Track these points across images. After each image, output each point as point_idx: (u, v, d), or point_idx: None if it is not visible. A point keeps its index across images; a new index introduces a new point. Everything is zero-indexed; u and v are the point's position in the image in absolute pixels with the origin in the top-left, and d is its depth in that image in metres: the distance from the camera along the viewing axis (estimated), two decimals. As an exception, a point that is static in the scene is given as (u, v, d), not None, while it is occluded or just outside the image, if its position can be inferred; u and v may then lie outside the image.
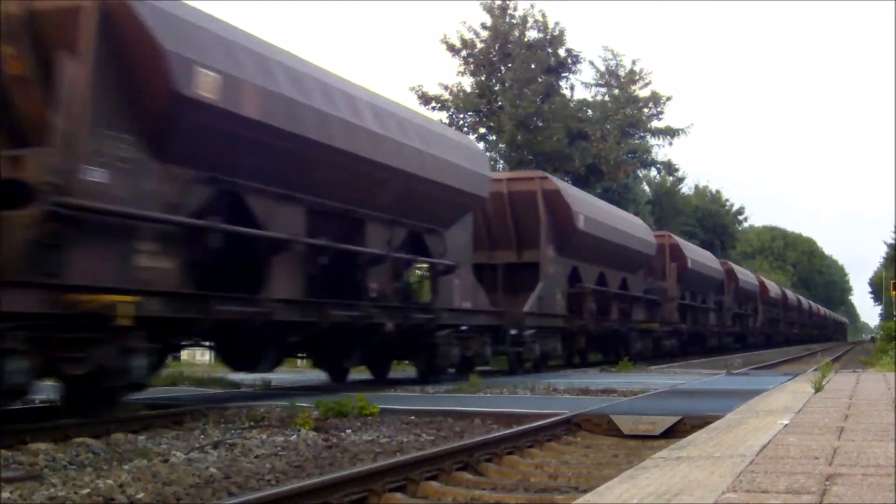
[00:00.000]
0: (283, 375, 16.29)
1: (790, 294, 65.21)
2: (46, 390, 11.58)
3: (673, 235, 32.23)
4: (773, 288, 55.00)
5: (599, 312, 22.33)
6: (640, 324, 25.81)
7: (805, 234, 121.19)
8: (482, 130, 36.82)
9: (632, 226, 25.46)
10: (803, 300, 73.01)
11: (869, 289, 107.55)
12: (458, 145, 15.74)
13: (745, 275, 44.85)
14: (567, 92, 39.45)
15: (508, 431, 7.70)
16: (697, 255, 34.32)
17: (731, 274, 39.63)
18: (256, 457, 6.89)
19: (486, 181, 16.30)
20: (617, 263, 23.61)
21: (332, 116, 11.46)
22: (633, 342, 25.18)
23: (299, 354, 14.84)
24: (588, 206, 21.27)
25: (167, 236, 9.03)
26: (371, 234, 12.80)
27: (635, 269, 25.50)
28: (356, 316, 12.17)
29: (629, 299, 24.93)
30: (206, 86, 9.13)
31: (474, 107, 36.67)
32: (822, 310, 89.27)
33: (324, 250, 11.56)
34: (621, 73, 43.16)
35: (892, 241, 75.89)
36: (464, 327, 15.27)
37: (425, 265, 15.01)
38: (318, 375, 16.90)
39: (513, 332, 17.29)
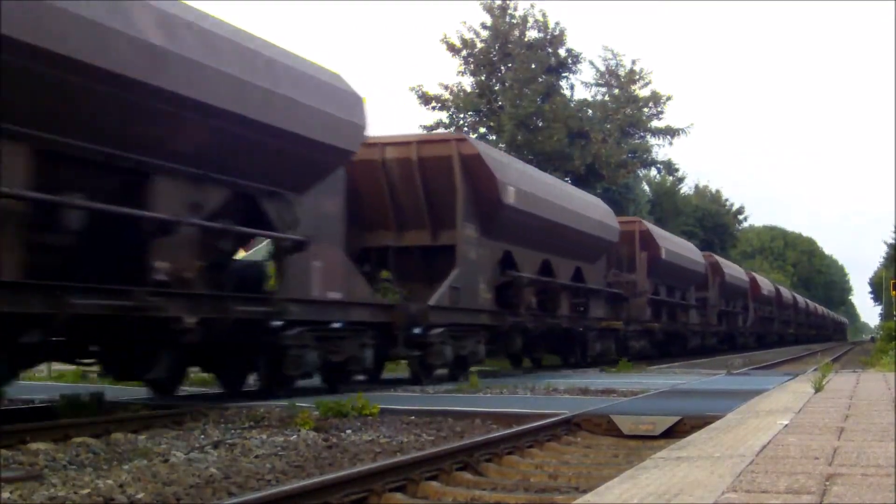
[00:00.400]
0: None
1: (785, 291, 61.48)
2: (48, 391, 11.60)
3: (644, 221, 28.02)
4: (766, 284, 51.75)
5: (544, 307, 18.93)
6: (600, 321, 22.20)
7: (805, 234, 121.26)
8: (482, 130, 36.83)
9: (587, 206, 21.44)
10: (799, 298, 69.74)
11: (869, 289, 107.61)
12: (311, 78, 11.53)
13: (732, 269, 41.44)
14: (567, 92, 39.49)
15: (508, 431, 7.70)
16: (674, 244, 29.78)
17: (715, 267, 35.96)
18: (256, 457, 6.89)
19: (358, 130, 12.49)
20: (567, 250, 19.83)
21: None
22: (591, 343, 21.83)
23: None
24: (522, 177, 17.34)
25: None
26: (161, 194, 9.42)
27: (593, 258, 21.86)
28: (125, 307, 8.69)
29: (584, 292, 21.18)
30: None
31: (474, 107, 36.67)
32: (821, 309, 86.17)
33: (66, 211, 8.27)
34: (621, 72, 43.20)
35: (892, 241, 75.91)
36: (337, 324, 12.20)
37: (264, 240, 12.29)
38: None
39: (415, 330, 13.96)
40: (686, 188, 65.26)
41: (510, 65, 36.95)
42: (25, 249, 7.93)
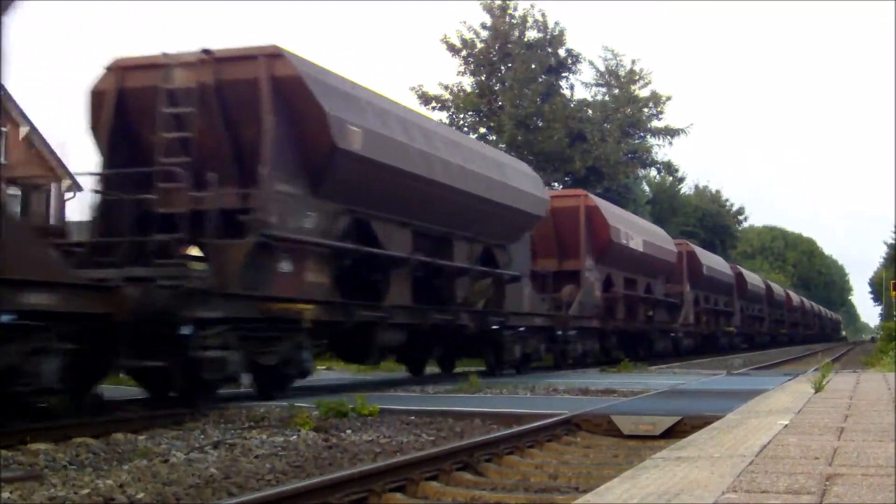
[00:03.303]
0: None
1: (777, 288, 57.18)
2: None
3: (592, 196, 25.33)
4: (754, 280, 47.41)
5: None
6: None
7: (805, 234, 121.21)
8: (482, 130, 36.83)
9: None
10: (793, 295, 65.48)
11: (869, 289, 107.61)
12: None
13: (713, 261, 36.82)
14: (567, 92, 39.47)
15: (508, 431, 7.70)
16: (631, 225, 27.72)
17: (691, 258, 32.30)
18: (256, 457, 6.89)
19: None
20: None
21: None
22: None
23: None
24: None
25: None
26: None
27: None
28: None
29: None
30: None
31: (474, 107, 36.67)
32: (816, 307, 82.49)
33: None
34: (621, 73, 43.20)
35: (892, 241, 75.94)
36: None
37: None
38: (318, 377, 16.88)
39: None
40: (686, 188, 65.36)
41: (510, 65, 36.95)
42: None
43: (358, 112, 12.02)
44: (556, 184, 36.71)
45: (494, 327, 16.67)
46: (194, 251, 10.74)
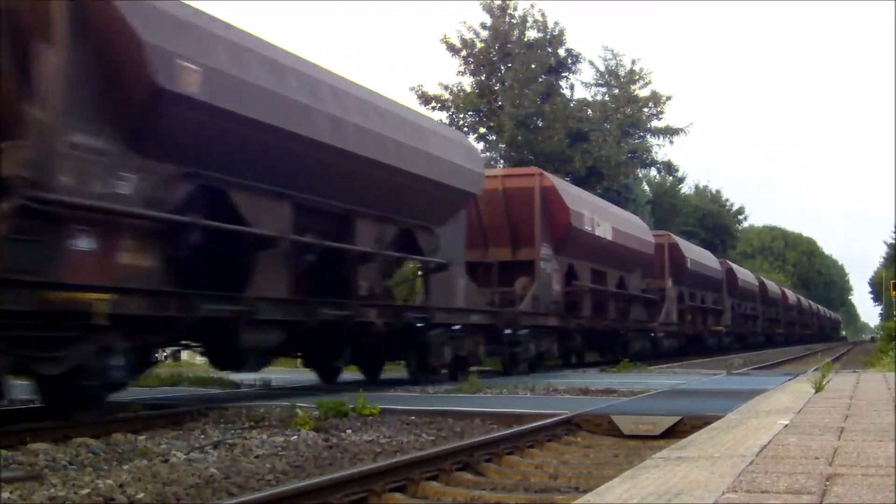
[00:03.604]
0: (283, 375, 16.30)
1: (771, 285, 53.88)
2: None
3: (549, 175, 24.16)
4: (746, 276, 44.25)
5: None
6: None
7: (805, 234, 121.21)
8: (482, 130, 36.82)
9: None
10: (790, 293, 62.55)
11: (869, 289, 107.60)
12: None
13: (698, 255, 33.87)
14: (567, 92, 39.45)
15: (508, 431, 7.69)
16: (597, 209, 25.69)
17: (673, 251, 29.98)
18: (256, 457, 6.89)
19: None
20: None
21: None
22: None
23: (295, 354, 14.23)
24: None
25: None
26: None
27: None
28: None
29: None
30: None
31: (474, 107, 36.65)
32: (815, 305, 79.44)
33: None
34: (621, 72, 43.18)
35: (892, 241, 75.95)
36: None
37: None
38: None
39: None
40: (686, 188, 65.39)
41: (510, 65, 36.92)
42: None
43: (197, 45, 9.32)
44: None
45: (419, 325, 13.76)
46: None
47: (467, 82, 37.17)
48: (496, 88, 37.21)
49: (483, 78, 37.06)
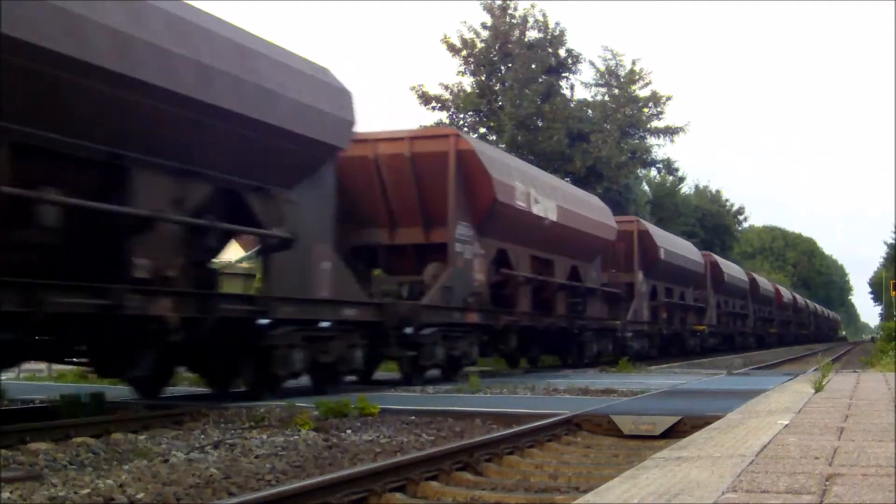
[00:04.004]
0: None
1: (763, 282, 50.15)
2: (48, 391, 11.61)
3: (468, 138, 19.32)
4: (733, 271, 40.31)
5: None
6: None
7: (805, 234, 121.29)
8: (482, 130, 36.84)
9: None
10: (784, 291, 58.53)
11: (869, 289, 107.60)
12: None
13: (671, 244, 29.06)
14: (567, 92, 39.47)
15: (508, 431, 7.69)
16: (538, 186, 21.54)
17: (643, 238, 25.98)
18: (256, 457, 6.89)
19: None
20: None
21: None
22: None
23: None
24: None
25: None
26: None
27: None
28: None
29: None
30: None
31: (474, 107, 36.68)
32: (812, 304, 75.65)
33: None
34: (621, 73, 43.18)
35: (892, 241, 75.96)
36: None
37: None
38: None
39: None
40: (686, 188, 65.39)
41: (510, 65, 36.95)
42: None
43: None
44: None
45: (263, 322, 10.65)
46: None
47: (467, 82, 37.23)
48: (496, 88, 37.24)
49: (483, 78, 37.09)
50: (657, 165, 44.75)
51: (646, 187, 54.80)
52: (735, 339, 40.49)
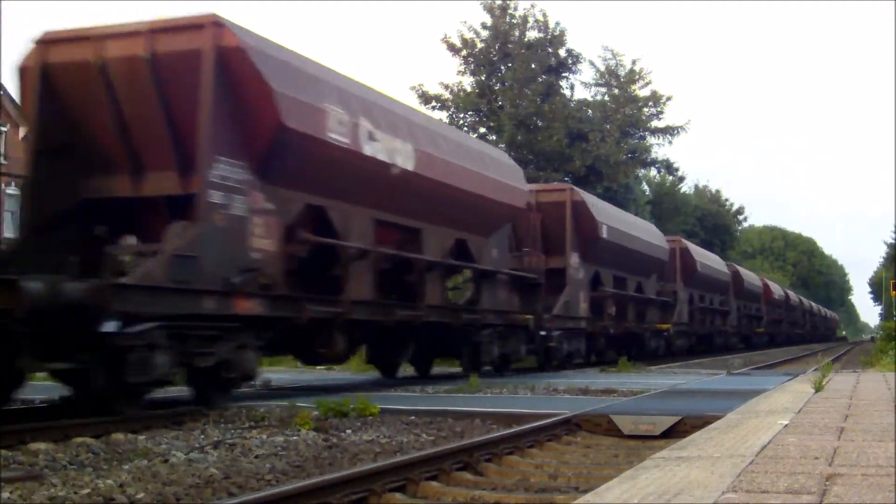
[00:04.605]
0: (283, 375, 16.29)
1: (749, 276, 45.26)
2: (48, 391, 11.60)
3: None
4: (709, 261, 35.37)
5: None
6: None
7: (805, 234, 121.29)
8: (482, 130, 36.85)
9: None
10: (775, 287, 53.51)
11: (869, 289, 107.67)
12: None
13: (628, 224, 24.55)
14: (567, 92, 39.50)
15: (508, 431, 7.70)
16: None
17: (579, 211, 20.41)
18: (256, 457, 6.89)
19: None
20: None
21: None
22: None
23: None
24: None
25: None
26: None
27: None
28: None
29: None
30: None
31: (474, 106, 36.70)
32: (806, 302, 69.98)
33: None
34: (621, 72, 43.18)
35: (892, 241, 75.98)
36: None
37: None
38: (319, 376, 16.91)
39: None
40: (686, 188, 65.45)
41: (510, 65, 36.97)
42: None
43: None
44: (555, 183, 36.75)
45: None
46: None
47: (467, 82, 37.26)
48: (496, 88, 37.26)
49: (483, 78, 37.12)
50: (657, 165, 44.77)
51: (646, 187, 54.81)
52: (714, 340, 36.12)
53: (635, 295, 25.27)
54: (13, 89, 10.94)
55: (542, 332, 18.50)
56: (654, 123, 42.47)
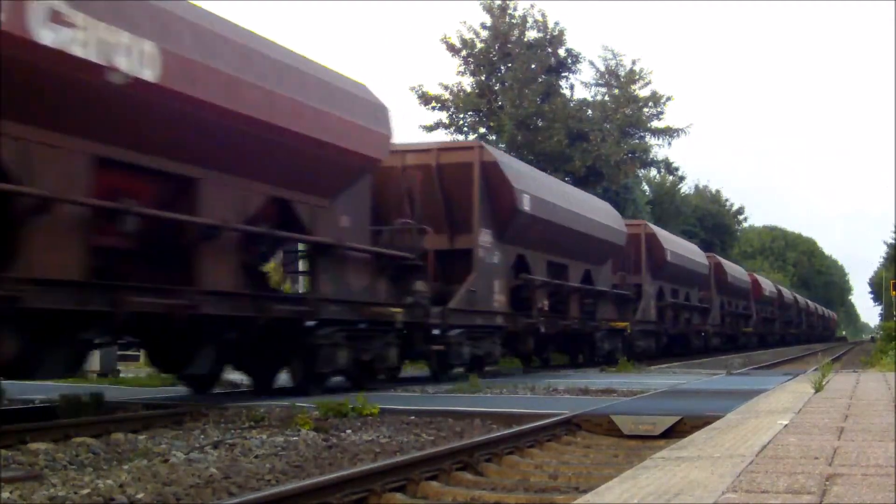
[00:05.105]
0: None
1: (735, 269, 40.84)
2: (48, 391, 11.60)
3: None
4: (685, 251, 31.07)
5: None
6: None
7: (805, 234, 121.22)
8: (482, 130, 36.85)
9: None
10: (766, 282, 49.28)
11: (869, 289, 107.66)
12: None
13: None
14: (567, 92, 39.49)
15: (508, 431, 7.69)
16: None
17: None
18: (256, 457, 6.89)
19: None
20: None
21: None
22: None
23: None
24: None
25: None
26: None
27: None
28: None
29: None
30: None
31: (474, 107, 36.69)
32: (803, 300, 66.28)
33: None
34: (621, 72, 43.18)
35: (892, 241, 75.95)
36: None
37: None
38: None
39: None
40: (686, 188, 65.42)
41: (510, 65, 36.96)
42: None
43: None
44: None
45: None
46: None
47: (467, 82, 37.25)
48: (496, 88, 37.25)
49: (483, 78, 37.11)
50: (657, 165, 44.76)
51: (646, 187, 54.80)
52: (690, 341, 31.87)
53: (581, 286, 20.98)
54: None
55: (435, 332, 14.65)
56: (655, 124, 42.48)
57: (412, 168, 15.50)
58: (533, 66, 36.71)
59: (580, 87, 50.03)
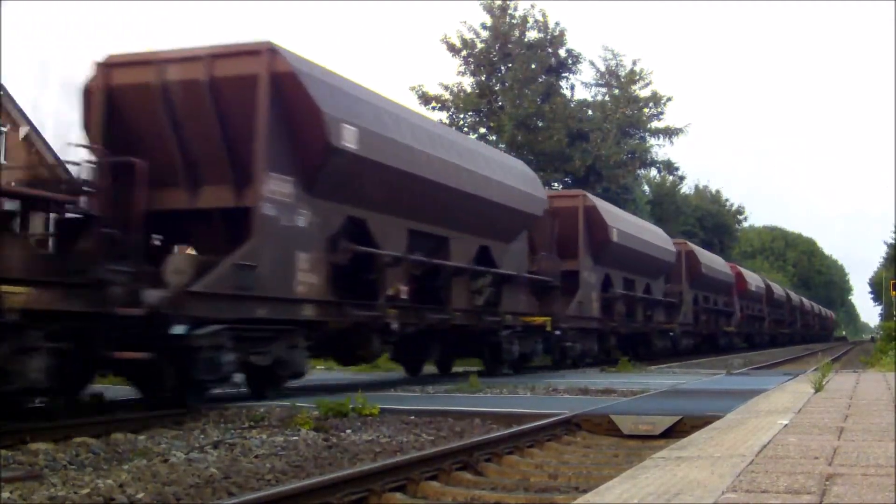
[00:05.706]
0: (321, 375, 16.21)
1: (713, 261, 35.58)
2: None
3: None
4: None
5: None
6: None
7: (805, 234, 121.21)
8: (482, 130, 36.86)
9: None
10: (752, 277, 44.97)
11: (869, 289, 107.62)
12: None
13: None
14: (567, 92, 39.51)
15: (508, 431, 7.69)
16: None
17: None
18: (256, 457, 6.89)
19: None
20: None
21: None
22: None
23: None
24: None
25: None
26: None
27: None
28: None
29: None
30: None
31: (474, 107, 36.70)
32: (798, 298, 63.69)
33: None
34: (621, 73, 43.22)
35: (892, 241, 75.91)
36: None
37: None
38: (319, 376, 16.89)
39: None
40: (686, 188, 65.40)
41: (510, 65, 36.97)
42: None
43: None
44: (556, 184, 36.76)
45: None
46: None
47: (467, 82, 37.27)
48: (496, 88, 37.26)
49: (483, 78, 37.12)
50: (657, 165, 44.77)
51: (646, 187, 54.80)
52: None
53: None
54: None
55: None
56: (655, 124, 42.51)
57: (175, 84, 10.84)
58: (533, 66, 36.72)
59: (580, 87, 50.14)
